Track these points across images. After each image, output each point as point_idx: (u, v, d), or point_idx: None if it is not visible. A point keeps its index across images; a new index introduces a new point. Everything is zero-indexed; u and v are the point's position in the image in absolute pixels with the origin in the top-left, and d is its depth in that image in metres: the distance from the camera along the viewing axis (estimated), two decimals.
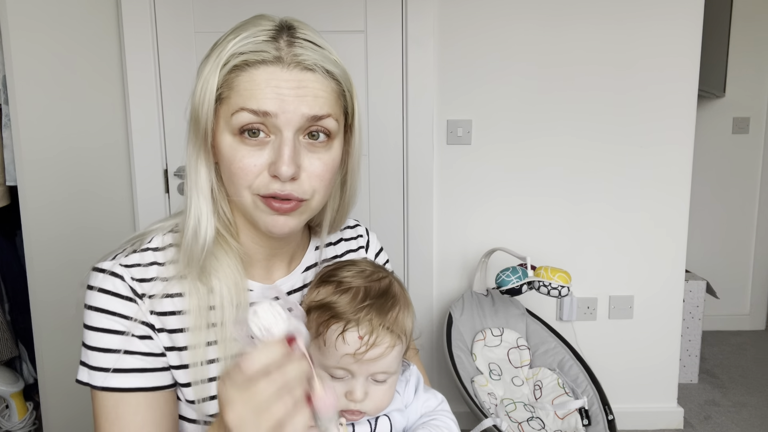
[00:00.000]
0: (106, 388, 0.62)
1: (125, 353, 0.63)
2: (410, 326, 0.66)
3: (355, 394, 0.61)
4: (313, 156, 0.62)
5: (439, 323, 2.07)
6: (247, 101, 0.59)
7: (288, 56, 0.59)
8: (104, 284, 0.64)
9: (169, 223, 0.71)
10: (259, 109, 0.58)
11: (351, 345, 0.59)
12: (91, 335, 0.63)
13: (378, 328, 0.60)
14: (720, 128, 2.90)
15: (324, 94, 0.61)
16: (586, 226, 2.01)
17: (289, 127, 0.59)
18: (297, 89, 0.59)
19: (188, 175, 0.65)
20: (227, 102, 0.60)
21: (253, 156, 0.60)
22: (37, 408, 1.95)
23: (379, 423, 0.64)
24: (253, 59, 0.59)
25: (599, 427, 1.56)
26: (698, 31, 1.90)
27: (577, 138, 1.96)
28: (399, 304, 0.65)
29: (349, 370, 0.61)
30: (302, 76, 0.60)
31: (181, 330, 0.65)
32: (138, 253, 0.66)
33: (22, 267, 1.91)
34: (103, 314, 0.63)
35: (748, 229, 2.98)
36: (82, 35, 1.79)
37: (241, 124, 0.60)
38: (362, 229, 0.90)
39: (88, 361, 0.63)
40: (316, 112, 0.60)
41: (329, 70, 0.62)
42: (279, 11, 0.66)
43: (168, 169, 1.96)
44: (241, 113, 0.59)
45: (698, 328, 2.39)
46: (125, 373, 0.63)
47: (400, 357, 0.64)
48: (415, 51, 1.91)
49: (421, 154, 1.96)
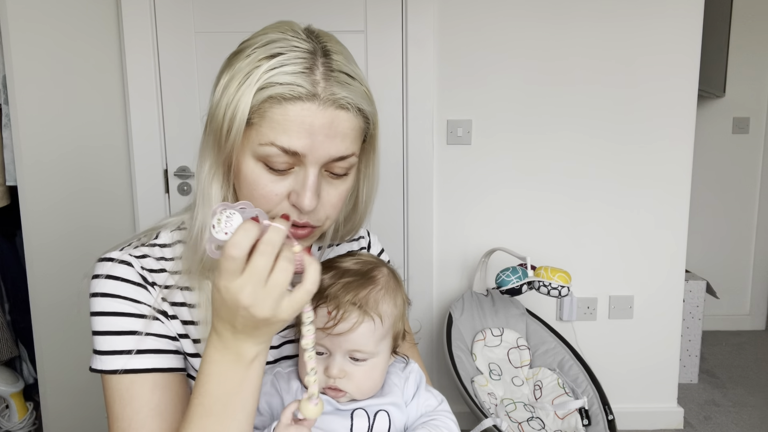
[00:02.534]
0: (116, 371, 0.62)
1: (137, 334, 0.63)
2: (389, 311, 0.67)
3: (330, 369, 0.63)
4: (330, 187, 0.63)
5: (439, 323, 2.07)
6: (278, 137, 0.58)
7: (324, 93, 0.58)
8: (113, 271, 0.64)
9: (176, 220, 0.71)
10: (289, 148, 0.58)
11: (321, 319, 0.63)
12: (100, 320, 0.63)
13: (345, 304, 0.63)
14: (720, 128, 2.90)
15: (352, 133, 0.61)
16: (586, 225, 2.01)
17: (314, 165, 0.60)
18: (329, 128, 0.59)
19: (199, 186, 0.64)
20: (257, 129, 0.59)
21: (275, 184, 0.61)
22: (37, 408, 1.95)
23: (377, 418, 0.64)
24: (288, 94, 0.58)
25: (599, 427, 1.56)
26: (698, 31, 1.90)
27: (577, 138, 1.96)
28: (377, 286, 0.67)
29: (325, 346, 0.64)
30: (335, 115, 0.59)
31: (192, 322, 0.66)
32: (146, 247, 0.68)
33: (22, 267, 1.91)
34: (113, 299, 0.63)
35: (748, 229, 2.98)
36: (82, 36, 1.79)
37: (268, 157, 0.59)
38: (363, 230, 0.90)
39: (98, 347, 0.63)
40: (342, 153, 0.61)
41: (361, 109, 0.62)
42: (279, 11, 0.66)
43: (168, 169, 1.96)
44: (270, 148, 0.59)
45: (698, 328, 2.39)
46: (138, 354, 0.63)
47: (376, 338, 0.65)
48: (415, 51, 1.91)
49: (421, 154, 1.96)
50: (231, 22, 1.89)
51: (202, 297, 0.66)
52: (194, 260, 0.65)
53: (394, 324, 0.69)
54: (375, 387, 0.66)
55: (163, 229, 0.71)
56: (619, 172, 1.98)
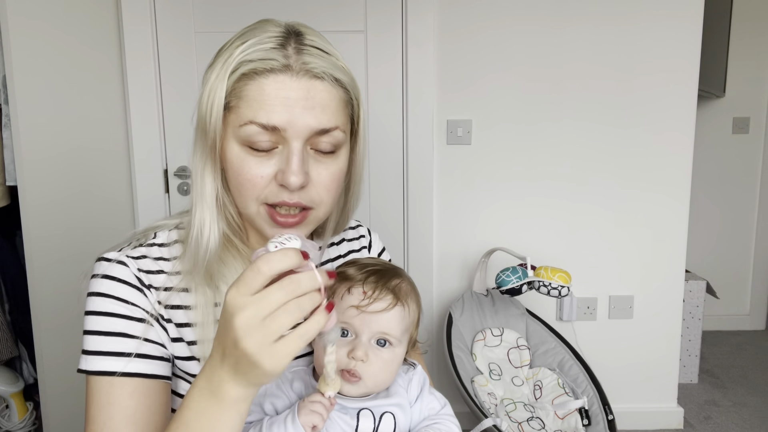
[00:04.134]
0: (100, 372, 0.61)
1: (125, 336, 0.62)
2: (414, 307, 0.69)
3: (356, 351, 0.63)
4: (320, 166, 0.63)
5: (439, 323, 2.07)
6: (256, 114, 0.59)
7: (296, 64, 0.59)
8: (109, 271, 0.63)
9: (174, 221, 0.71)
10: (268, 123, 0.58)
11: (356, 297, 0.65)
12: (91, 319, 0.62)
13: (381, 288, 0.66)
14: (720, 128, 2.90)
15: (332, 104, 0.61)
16: (586, 225, 2.01)
17: (297, 139, 0.60)
18: (305, 99, 0.59)
19: (194, 182, 0.65)
20: (236, 111, 0.60)
21: (260, 166, 0.60)
22: (37, 408, 1.95)
23: (383, 420, 0.64)
24: (261, 67, 0.59)
25: (599, 427, 1.56)
26: (698, 32, 1.90)
27: (577, 137, 1.96)
28: (404, 281, 0.69)
29: (354, 327, 0.64)
30: (311, 84, 0.59)
31: (188, 324, 0.65)
32: (144, 247, 0.67)
33: (22, 267, 1.91)
34: (106, 298, 0.62)
35: (748, 229, 2.98)
36: (82, 35, 1.79)
37: (249, 137, 0.60)
38: (364, 229, 0.90)
39: (86, 346, 0.62)
40: (324, 125, 0.60)
41: (337, 78, 0.62)
42: (279, 12, 0.66)
43: (168, 169, 1.96)
44: (250, 126, 0.59)
45: (698, 328, 2.39)
46: (122, 356, 0.61)
47: (404, 327, 0.67)
48: (415, 51, 1.91)
49: (421, 154, 1.96)
50: (231, 22, 1.89)
51: (200, 299, 0.65)
52: (193, 260, 0.64)
53: (413, 323, 0.70)
54: (387, 381, 0.67)
55: (160, 229, 0.70)
56: (620, 173, 1.98)
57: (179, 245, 0.68)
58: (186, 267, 0.66)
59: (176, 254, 0.68)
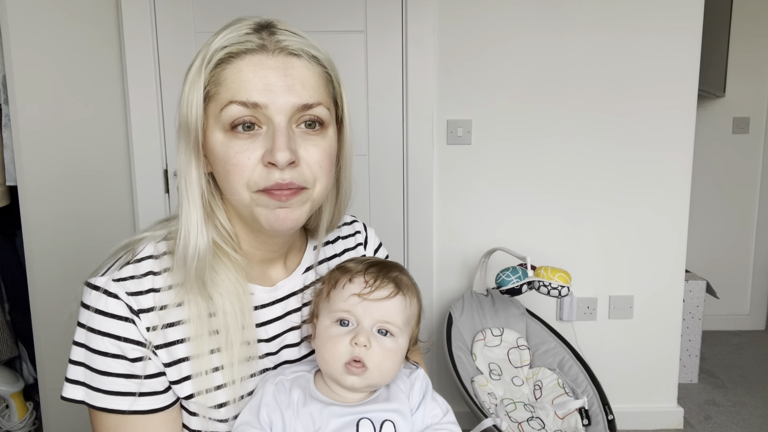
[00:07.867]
0: (108, 409, 0.62)
1: (126, 377, 0.62)
2: (414, 301, 0.70)
3: (359, 337, 0.63)
4: (309, 143, 0.62)
5: (439, 323, 2.07)
6: (235, 94, 0.58)
7: (271, 43, 0.60)
8: (99, 304, 0.61)
9: (161, 232, 0.68)
10: (248, 100, 0.58)
11: (357, 285, 0.66)
12: (88, 355, 0.62)
13: (383, 277, 0.67)
14: (720, 128, 2.90)
15: (311, 81, 0.61)
16: (586, 225, 2.01)
17: (280, 116, 0.59)
18: (284, 77, 0.59)
19: (179, 182, 0.63)
20: (216, 98, 0.60)
21: (246, 150, 0.59)
22: (37, 408, 1.95)
23: (383, 429, 0.63)
24: (237, 50, 0.60)
25: (599, 427, 1.56)
26: (698, 32, 1.90)
27: (577, 138, 1.96)
28: (405, 274, 0.72)
29: (355, 315, 0.65)
30: (288, 61, 0.60)
31: (181, 341, 0.64)
32: (132, 265, 0.64)
33: (22, 267, 1.91)
34: (105, 337, 0.61)
35: (748, 229, 2.98)
36: (82, 35, 1.79)
37: (231, 119, 0.59)
38: (359, 225, 0.88)
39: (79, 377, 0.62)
40: (306, 101, 0.60)
41: (314, 55, 0.62)
42: (279, 11, 0.67)
43: (168, 169, 1.96)
44: (231, 107, 0.59)
45: (698, 328, 2.39)
46: (126, 396, 0.62)
47: (405, 317, 0.67)
48: (415, 51, 1.91)
49: (421, 154, 1.96)
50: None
51: (193, 311, 0.63)
52: (182, 264, 0.62)
53: (414, 317, 0.71)
54: (391, 371, 0.66)
55: (146, 242, 0.67)
56: (620, 173, 1.98)
57: (168, 257, 0.66)
58: (177, 279, 0.64)
59: (166, 266, 0.65)
